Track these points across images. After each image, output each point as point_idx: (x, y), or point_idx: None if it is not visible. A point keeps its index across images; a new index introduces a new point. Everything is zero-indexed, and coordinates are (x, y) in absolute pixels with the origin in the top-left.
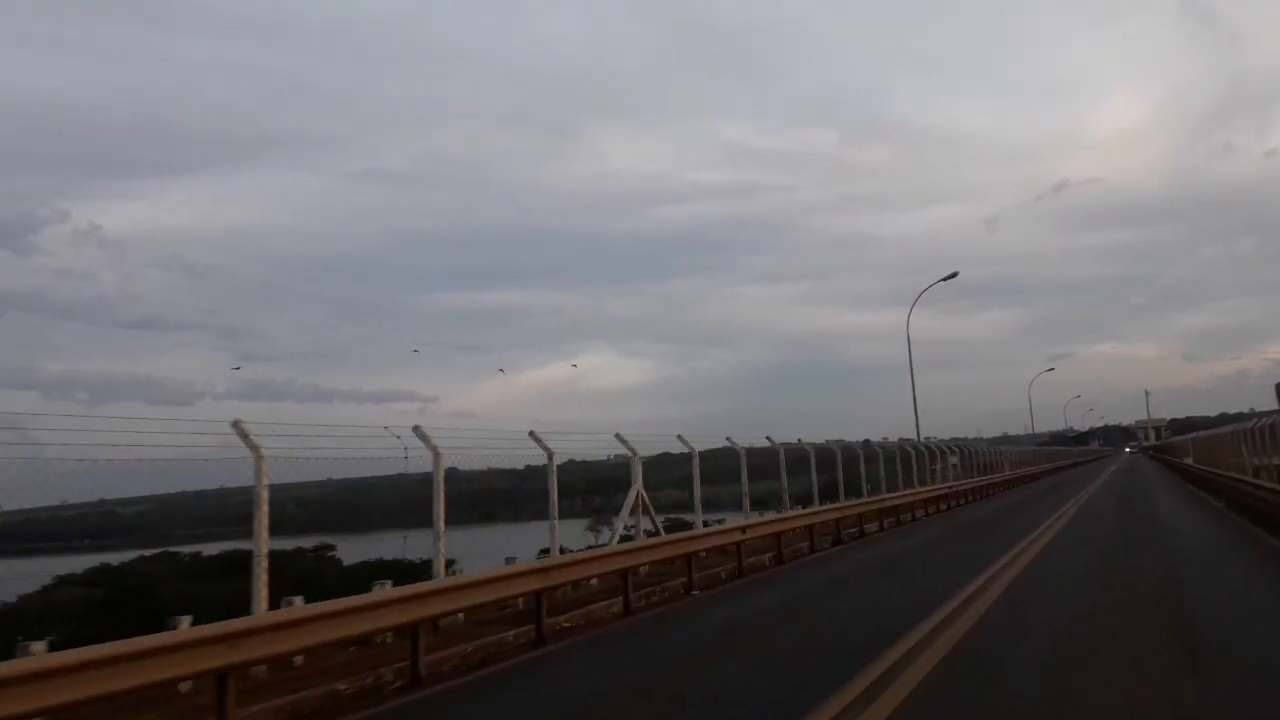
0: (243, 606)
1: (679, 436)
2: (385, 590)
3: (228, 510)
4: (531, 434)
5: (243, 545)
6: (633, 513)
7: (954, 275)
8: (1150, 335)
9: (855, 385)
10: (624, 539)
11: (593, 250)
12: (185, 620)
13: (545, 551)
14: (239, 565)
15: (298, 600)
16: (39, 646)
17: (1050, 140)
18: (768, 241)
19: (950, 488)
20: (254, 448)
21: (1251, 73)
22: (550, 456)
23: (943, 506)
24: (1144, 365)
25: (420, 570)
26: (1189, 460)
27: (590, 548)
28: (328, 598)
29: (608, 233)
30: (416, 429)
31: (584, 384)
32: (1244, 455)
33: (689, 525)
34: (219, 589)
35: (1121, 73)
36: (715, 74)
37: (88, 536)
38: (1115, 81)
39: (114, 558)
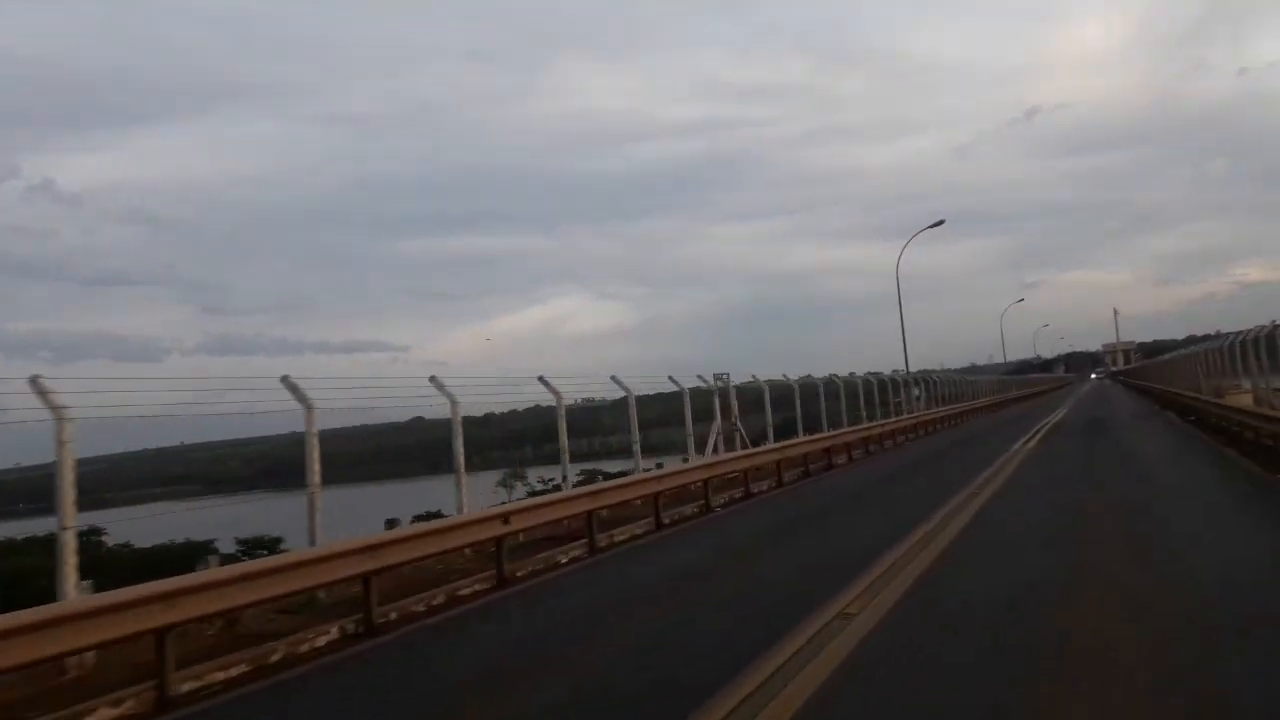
0: None
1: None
2: None
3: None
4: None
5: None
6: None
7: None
8: (1122, 260)
9: (833, 321)
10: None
11: (563, 191)
12: None
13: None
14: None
15: None
16: None
17: (1021, 65)
18: (741, 178)
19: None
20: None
21: None
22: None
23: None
24: (1114, 291)
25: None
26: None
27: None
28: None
29: (578, 173)
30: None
31: (559, 329)
32: None
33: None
34: None
35: None
36: (687, 3)
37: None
38: (1086, 2)
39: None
